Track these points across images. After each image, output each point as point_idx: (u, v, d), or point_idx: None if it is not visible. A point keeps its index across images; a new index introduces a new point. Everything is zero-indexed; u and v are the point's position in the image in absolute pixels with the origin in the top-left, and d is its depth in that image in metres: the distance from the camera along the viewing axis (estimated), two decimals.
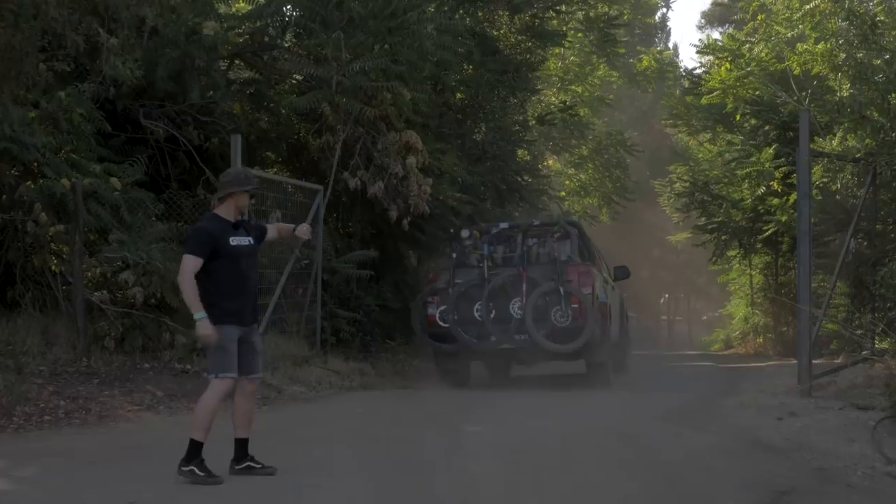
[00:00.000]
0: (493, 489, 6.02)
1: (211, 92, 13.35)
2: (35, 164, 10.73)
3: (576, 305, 11.52)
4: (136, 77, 11.59)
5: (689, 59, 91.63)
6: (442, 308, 12.02)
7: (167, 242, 11.17)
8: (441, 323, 12.01)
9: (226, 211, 6.22)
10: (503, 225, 12.89)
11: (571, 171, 29.10)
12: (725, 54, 21.80)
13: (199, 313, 5.95)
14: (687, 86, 25.77)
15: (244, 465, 6.20)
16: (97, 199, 10.77)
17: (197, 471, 5.96)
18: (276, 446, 6.96)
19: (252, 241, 6.28)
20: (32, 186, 10.60)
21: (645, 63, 28.79)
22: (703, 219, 23.15)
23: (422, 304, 12.39)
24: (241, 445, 6.25)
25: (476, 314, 11.86)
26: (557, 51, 24.58)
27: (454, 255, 12.39)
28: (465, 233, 12.42)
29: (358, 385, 12.06)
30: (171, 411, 9.11)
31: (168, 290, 10.50)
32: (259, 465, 6.22)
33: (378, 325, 14.62)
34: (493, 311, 11.71)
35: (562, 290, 11.52)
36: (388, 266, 15.76)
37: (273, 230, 6.63)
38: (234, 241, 6.13)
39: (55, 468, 6.52)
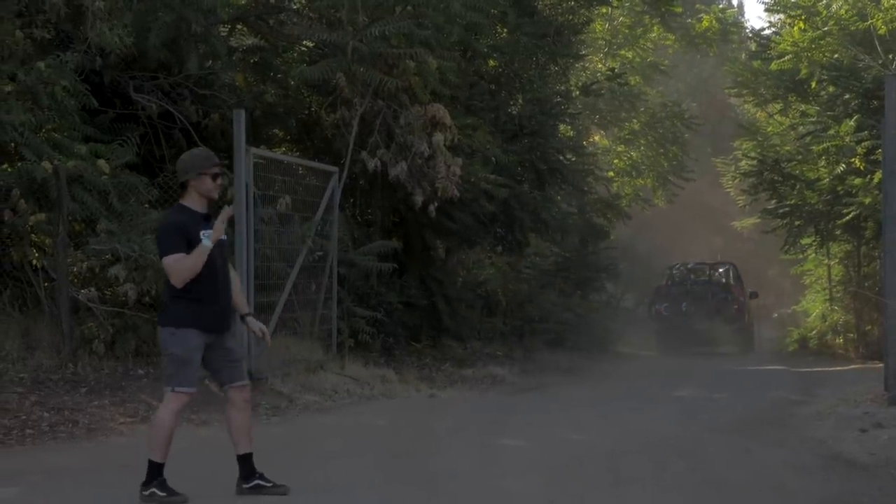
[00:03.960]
0: None
1: (210, 61, 13.39)
2: (12, 144, 10.76)
3: (736, 307, 24.76)
4: (126, 45, 11.59)
5: (756, 17, 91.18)
6: (664, 304, 25.10)
7: None
8: (663, 313, 24.91)
9: (191, 200, 6.21)
10: (692, 263, 27.63)
11: (621, 148, 29.01)
12: (799, 12, 21.59)
13: (204, 243, 6.04)
14: (754, 49, 25.55)
15: (253, 483, 6.22)
16: (83, 184, 10.78)
17: (158, 492, 6.01)
18: (288, 463, 7.00)
19: (225, 236, 6.31)
20: (9, 170, 10.65)
21: (705, 23, 28.58)
22: (774, 202, 22.94)
23: (652, 301, 26.10)
24: (246, 461, 6.27)
25: (683, 308, 24.64)
26: (604, 10, 24.45)
27: (668, 279, 26.74)
28: (673, 264, 27.95)
29: (379, 393, 12.10)
30: None
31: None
32: (270, 484, 6.24)
33: (402, 326, 14.65)
34: (693, 308, 24.43)
35: (729, 297, 24.88)
36: (412, 258, 15.78)
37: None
38: (206, 234, 6.12)
39: (38, 488, 6.57)
